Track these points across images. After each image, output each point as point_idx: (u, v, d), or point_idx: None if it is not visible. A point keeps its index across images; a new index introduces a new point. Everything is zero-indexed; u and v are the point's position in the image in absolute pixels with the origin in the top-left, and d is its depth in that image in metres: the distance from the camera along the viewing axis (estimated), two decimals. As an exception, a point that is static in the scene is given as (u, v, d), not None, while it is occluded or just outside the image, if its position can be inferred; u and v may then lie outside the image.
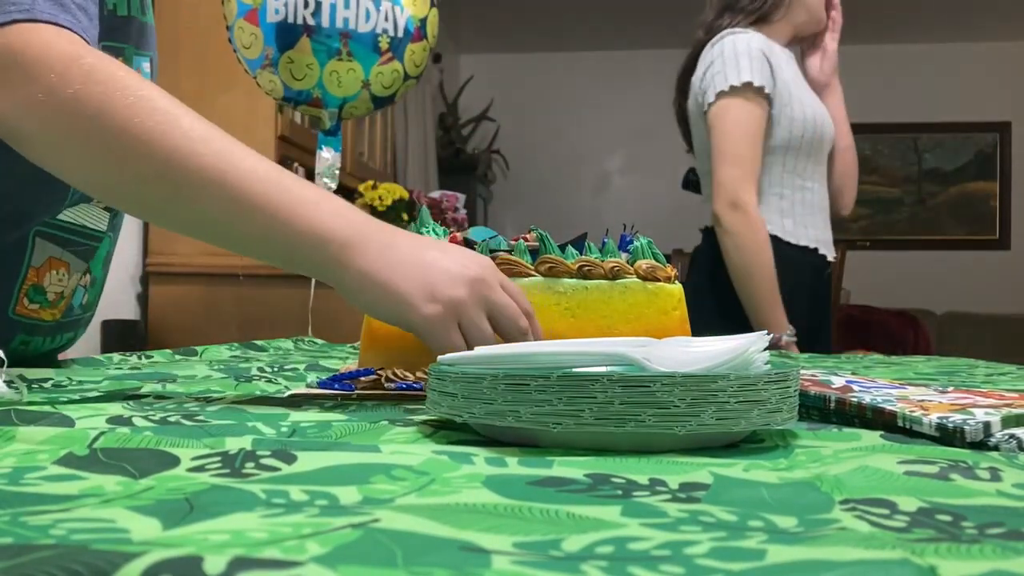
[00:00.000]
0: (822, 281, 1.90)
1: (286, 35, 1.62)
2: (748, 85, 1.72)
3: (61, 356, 1.09)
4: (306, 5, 1.60)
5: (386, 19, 1.63)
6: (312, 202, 0.69)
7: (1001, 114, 5.78)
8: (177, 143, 0.67)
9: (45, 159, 0.72)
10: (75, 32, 0.71)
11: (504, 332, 0.70)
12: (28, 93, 0.68)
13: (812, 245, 1.84)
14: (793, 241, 1.80)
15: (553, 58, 6.05)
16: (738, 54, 1.74)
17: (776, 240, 1.77)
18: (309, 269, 0.71)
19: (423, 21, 1.67)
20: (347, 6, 1.61)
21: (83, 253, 0.97)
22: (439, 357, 0.60)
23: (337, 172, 1.79)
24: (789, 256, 1.79)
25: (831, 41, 1.88)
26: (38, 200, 0.90)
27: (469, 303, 0.68)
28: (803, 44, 1.96)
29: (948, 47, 5.72)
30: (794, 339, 1.69)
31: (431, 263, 0.69)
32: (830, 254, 1.90)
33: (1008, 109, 5.76)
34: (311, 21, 1.61)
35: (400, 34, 1.65)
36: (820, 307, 1.90)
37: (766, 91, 1.74)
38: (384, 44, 1.64)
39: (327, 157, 1.75)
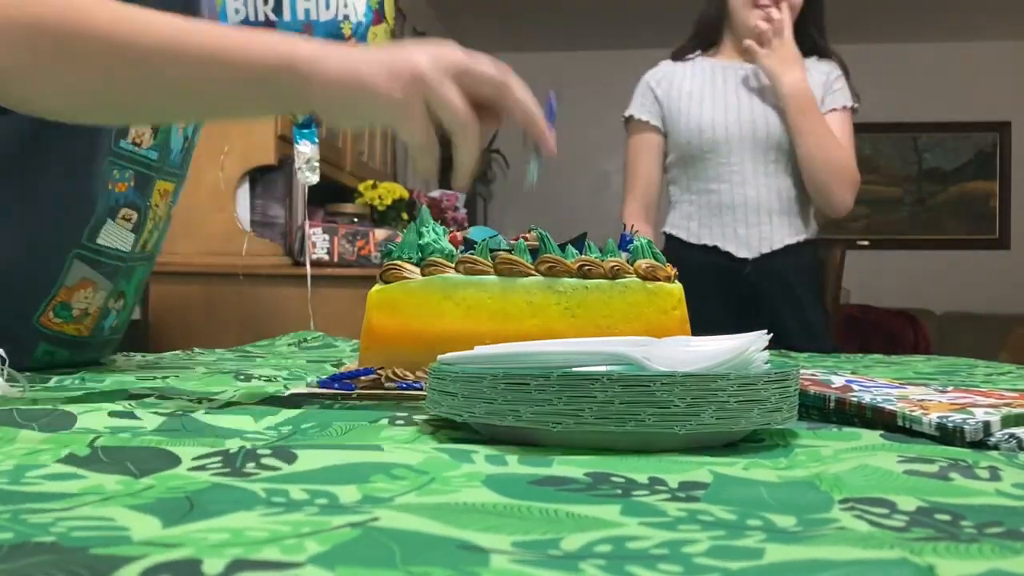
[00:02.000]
0: (742, 280, 1.92)
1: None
2: (628, 118, 2.07)
3: None
4: (265, 1, 1.61)
5: (345, 5, 1.64)
6: (258, 40, 0.68)
7: (1001, 114, 5.77)
8: (135, 38, 0.67)
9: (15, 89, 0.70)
10: None
11: (479, 84, 0.66)
12: None
13: (713, 243, 1.95)
14: (695, 241, 1.97)
15: (553, 58, 6.05)
16: (637, 88, 2.09)
17: (679, 243, 1.99)
18: (283, 102, 0.70)
19: (380, 3, 1.68)
20: None
21: (109, 272, 0.97)
22: (439, 357, 0.60)
23: (317, 165, 1.80)
24: (691, 258, 1.92)
25: (755, 50, 1.93)
26: (66, 220, 0.91)
27: (432, 74, 0.64)
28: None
29: (948, 46, 5.71)
30: None
31: (394, 51, 0.66)
32: (743, 252, 1.93)
33: (1008, 109, 5.75)
34: (272, 16, 1.62)
35: (361, 19, 1.65)
36: (747, 308, 1.92)
37: (643, 119, 2.04)
38: (347, 30, 1.64)
39: (304, 151, 1.78)
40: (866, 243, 5.79)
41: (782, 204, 1.94)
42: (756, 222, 1.94)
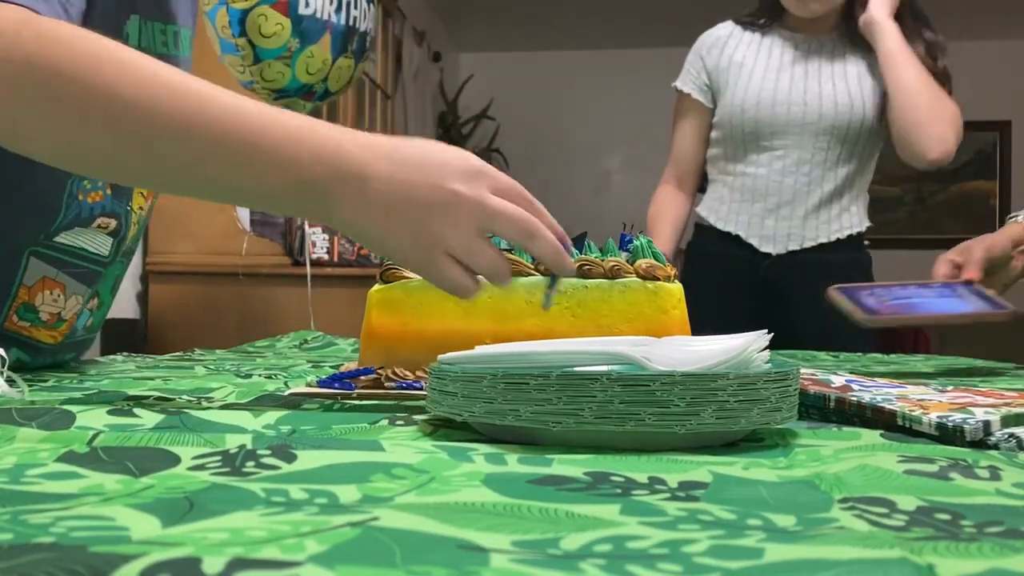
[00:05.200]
0: (759, 276, 1.78)
1: (313, 30, 1.65)
2: (676, 90, 1.91)
3: None
4: (331, 2, 1.64)
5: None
6: (286, 150, 0.64)
7: (1001, 113, 5.77)
8: (140, 92, 0.63)
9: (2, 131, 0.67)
10: (23, 6, 0.67)
11: (504, 235, 0.65)
12: None
13: (736, 232, 1.80)
14: (720, 226, 1.83)
15: (553, 57, 6.05)
16: (690, 52, 1.92)
17: (706, 228, 1.86)
18: (303, 214, 0.70)
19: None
20: None
21: (82, 276, 0.96)
22: (439, 357, 0.60)
23: None
24: (711, 244, 1.84)
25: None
26: (22, 221, 0.89)
27: (452, 234, 0.63)
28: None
29: (948, 45, 5.71)
30: None
31: (414, 201, 0.64)
32: (767, 246, 1.78)
33: (1008, 108, 5.75)
34: (334, 19, 1.65)
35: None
36: (763, 307, 1.77)
37: (686, 92, 1.88)
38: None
39: None
40: (866, 243, 5.80)
41: (823, 198, 1.77)
42: (788, 215, 1.77)
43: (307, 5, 1.64)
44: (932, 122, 1.67)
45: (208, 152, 0.63)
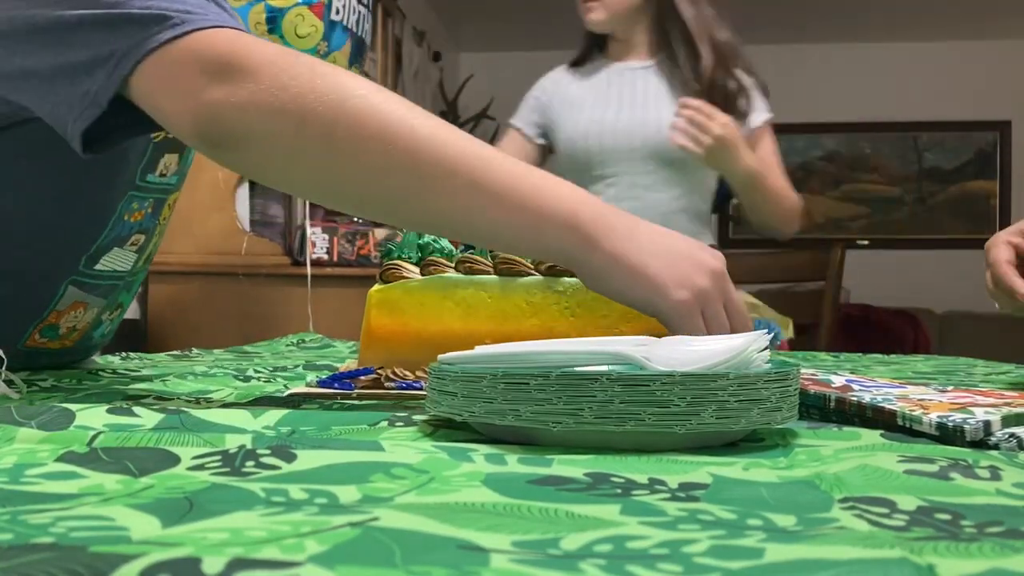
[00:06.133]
0: None
1: (339, 37, 1.67)
2: (508, 126, 2.01)
3: None
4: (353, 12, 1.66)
5: None
6: (552, 188, 0.70)
7: (1001, 113, 5.77)
8: (416, 135, 0.67)
9: (264, 161, 0.70)
10: (233, 28, 0.70)
11: (735, 326, 0.70)
12: (256, 91, 0.66)
13: None
14: None
15: (553, 57, 6.04)
16: None
17: None
18: (555, 254, 0.71)
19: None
20: None
21: (103, 291, 0.95)
22: (439, 357, 0.60)
23: None
24: None
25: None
26: (70, 239, 0.88)
27: (713, 293, 0.69)
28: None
29: (948, 45, 5.71)
30: None
31: (679, 251, 0.70)
32: None
33: (1008, 108, 5.75)
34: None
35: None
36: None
37: (517, 126, 1.99)
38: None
39: None
40: (866, 242, 5.79)
41: (658, 221, 1.79)
42: None
43: (337, 12, 1.65)
44: (783, 229, 1.83)
45: (477, 194, 0.68)
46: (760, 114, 1.83)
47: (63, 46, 0.70)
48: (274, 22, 1.67)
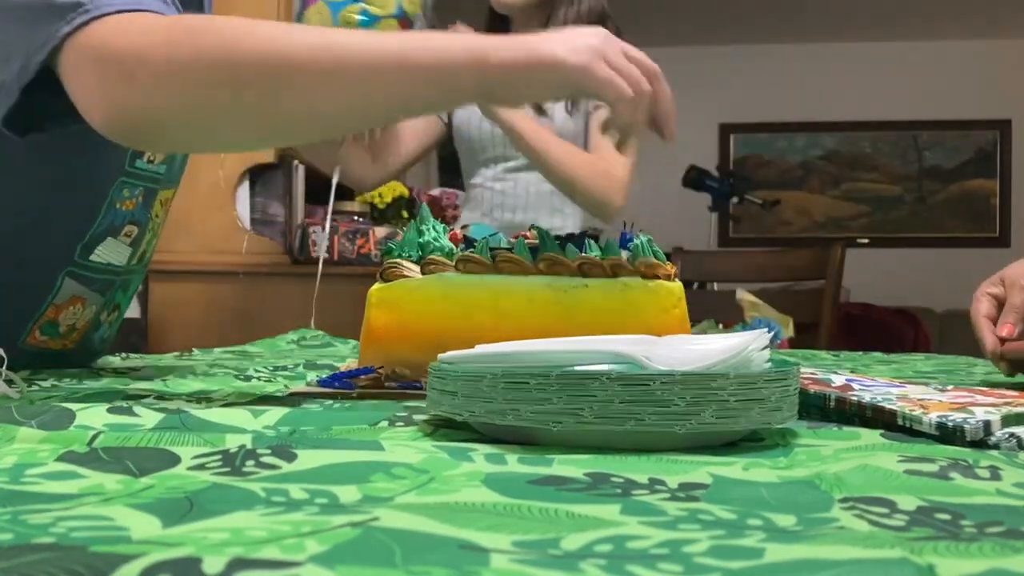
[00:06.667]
0: None
1: None
2: None
3: None
4: None
5: None
6: (433, 43, 0.72)
7: (1001, 112, 5.77)
8: (303, 42, 0.69)
9: (179, 139, 0.73)
10: (150, 11, 0.71)
11: (642, 71, 0.73)
12: (148, 81, 0.67)
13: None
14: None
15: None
16: None
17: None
18: (458, 97, 0.75)
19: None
20: None
21: (101, 287, 0.95)
22: (439, 357, 0.60)
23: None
24: None
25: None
26: (63, 229, 0.89)
27: (607, 46, 0.72)
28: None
29: (949, 44, 5.71)
30: None
31: (561, 34, 0.72)
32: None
33: (1008, 107, 5.75)
34: None
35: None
36: None
37: None
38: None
39: None
40: (866, 241, 5.79)
41: (531, 201, 1.89)
42: (510, 220, 1.87)
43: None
44: (592, 189, 1.75)
45: (378, 73, 0.70)
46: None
47: None
48: (366, 26, 1.68)
